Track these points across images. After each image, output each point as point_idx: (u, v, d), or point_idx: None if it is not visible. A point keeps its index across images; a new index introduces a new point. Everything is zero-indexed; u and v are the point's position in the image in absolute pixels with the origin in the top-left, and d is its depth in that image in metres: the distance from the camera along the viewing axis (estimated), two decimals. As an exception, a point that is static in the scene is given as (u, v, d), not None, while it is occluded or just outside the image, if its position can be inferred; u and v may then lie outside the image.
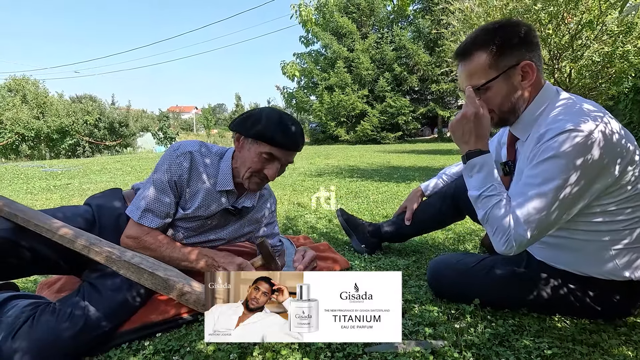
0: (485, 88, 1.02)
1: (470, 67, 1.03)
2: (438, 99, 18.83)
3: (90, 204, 1.24)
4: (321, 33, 19.62)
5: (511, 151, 1.18)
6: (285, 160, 1.17)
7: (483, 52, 1.01)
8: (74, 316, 0.93)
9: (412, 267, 1.56)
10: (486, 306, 1.14)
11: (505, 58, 0.99)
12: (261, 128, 1.11)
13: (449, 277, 1.23)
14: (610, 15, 3.30)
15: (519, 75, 1.00)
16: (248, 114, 1.17)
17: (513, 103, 1.03)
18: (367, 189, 3.74)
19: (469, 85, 1.04)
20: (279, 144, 1.12)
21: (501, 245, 0.97)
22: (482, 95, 1.04)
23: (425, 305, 1.18)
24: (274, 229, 1.44)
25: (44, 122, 18.65)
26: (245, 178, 1.17)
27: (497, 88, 1.02)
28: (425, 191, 1.66)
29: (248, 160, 1.14)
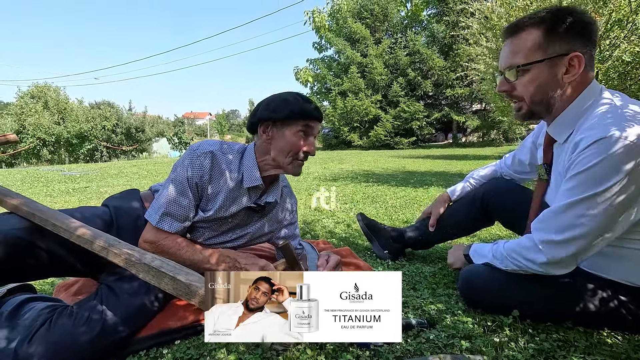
0: (523, 70, 0.94)
1: (517, 44, 0.94)
2: (453, 103, 18.58)
3: (108, 205, 1.21)
4: (334, 39, 19.68)
5: (548, 153, 1.10)
6: (317, 132, 1.17)
7: (536, 30, 0.92)
8: (91, 320, 0.89)
9: (439, 274, 1.48)
10: (526, 318, 1.05)
11: (557, 43, 0.90)
12: (292, 106, 1.09)
13: (483, 286, 1.14)
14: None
15: (564, 67, 0.91)
16: (266, 102, 1.14)
17: (548, 96, 0.95)
18: (384, 194, 3.66)
19: (509, 63, 0.96)
20: (312, 115, 1.12)
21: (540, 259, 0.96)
22: (519, 77, 0.95)
23: (458, 316, 1.11)
24: (295, 231, 1.39)
25: (64, 128, 19.17)
26: (287, 164, 1.14)
27: (537, 74, 0.93)
28: (452, 196, 1.58)
29: (286, 145, 1.12)
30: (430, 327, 1.05)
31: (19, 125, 18.41)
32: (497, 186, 1.43)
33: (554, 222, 0.93)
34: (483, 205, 1.43)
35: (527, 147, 1.32)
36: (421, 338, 0.99)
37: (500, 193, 1.41)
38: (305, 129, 1.12)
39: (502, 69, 0.98)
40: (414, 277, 1.44)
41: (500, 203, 1.40)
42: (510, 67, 0.95)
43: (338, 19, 20.43)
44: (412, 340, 0.98)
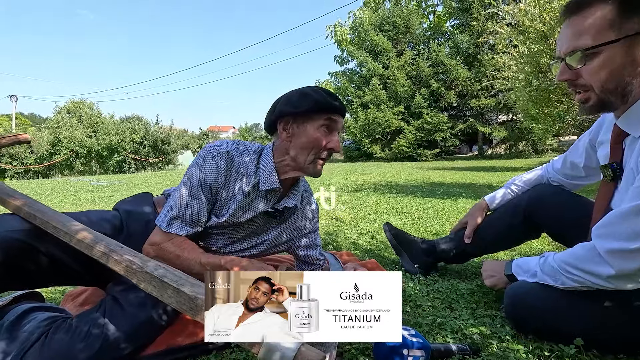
0: (593, 53, 0.78)
1: (582, 22, 0.78)
2: (478, 114, 18.09)
3: (118, 209, 1.14)
4: (356, 51, 19.75)
5: (617, 150, 0.92)
6: (340, 126, 1.07)
7: (608, 6, 0.76)
8: (90, 335, 0.80)
9: (478, 292, 1.31)
10: (591, 348, 0.88)
11: (634, 18, 0.74)
12: (313, 99, 0.99)
13: (535, 307, 0.98)
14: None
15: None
16: (286, 97, 1.05)
17: (624, 83, 0.79)
18: (410, 205, 3.48)
19: (573, 46, 0.80)
20: (335, 107, 1.02)
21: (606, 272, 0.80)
22: (587, 62, 0.79)
23: (507, 343, 0.95)
24: (316, 240, 1.27)
25: (96, 140, 20.04)
26: (309, 163, 1.04)
27: (609, 57, 0.77)
28: (491, 204, 1.42)
29: (308, 142, 1.02)
30: (474, 355, 0.90)
31: (55, 138, 19.38)
32: (544, 192, 1.26)
33: (623, 227, 0.77)
34: (527, 215, 1.26)
35: (582, 148, 1.16)
36: (466, 367, 0.84)
37: (547, 200, 1.24)
38: (329, 123, 1.02)
39: (563, 54, 0.83)
40: (450, 295, 1.29)
41: (547, 212, 1.23)
42: (573, 50, 0.80)
43: (360, 32, 20.55)
44: (455, 368, 0.84)
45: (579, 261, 0.85)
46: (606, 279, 0.81)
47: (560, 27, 0.86)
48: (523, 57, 3.90)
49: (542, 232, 1.29)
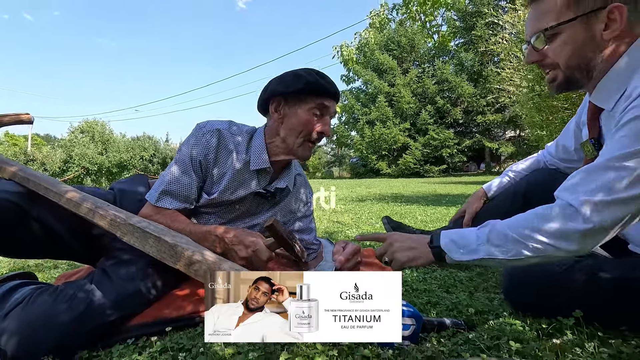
0: (553, 33, 0.79)
1: (543, 6, 0.80)
2: (484, 130, 18.08)
3: (113, 188, 1.16)
4: (362, 71, 20.09)
5: (594, 126, 0.92)
6: (333, 111, 1.06)
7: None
8: (75, 298, 0.80)
9: (476, 279, 1.28)
10: (592, 322, 0.84)
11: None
12: (306, 80, 0.99)
13: (533, 286, 0.95)
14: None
15: (603, 23, 0.76)
16: (278, 78, 1.05)
17: (587, 59, 0.79)
18: (414, 211, 3.45)
19: (535, 28, 0.81)
20: (327, 91, 1.02)
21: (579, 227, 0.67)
22: (549, 43, 0.80)
23: (503, 318, 0.91)
24: (310, 224, 1.26)
25: (106, 158, 20.44)
26: (297, 146, 1.04)
27: (570, 35, 0.78)
28: (489, 192, 1.40)
29: (298, 124, 1.02)
30: (469, 330, 0.87)
31: (67, 155, 19.82)
32: (542, 177, 1.24)
33: (600, 178, 0.68)
34: (526, 200, 1.23)
35: (571, 131, 1.15)
36: (458, 339, 0.81)
37: (545, 185, 1.21)
38: (320, 107, 1.03)
39: (529, 38, 0.85)
40: (448, 281, 1.25)
41: (546, 196, 1.20)
42: (537, 32, 0.81)
43: (365, 52, 20.97)
44: (446, 340, 0.80)
45: (544, 221, 0.72)
46: (579, 238, 0.69)
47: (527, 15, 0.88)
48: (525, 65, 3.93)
49: None
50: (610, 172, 0.68)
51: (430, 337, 0.82)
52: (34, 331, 0.73)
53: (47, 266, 1.59)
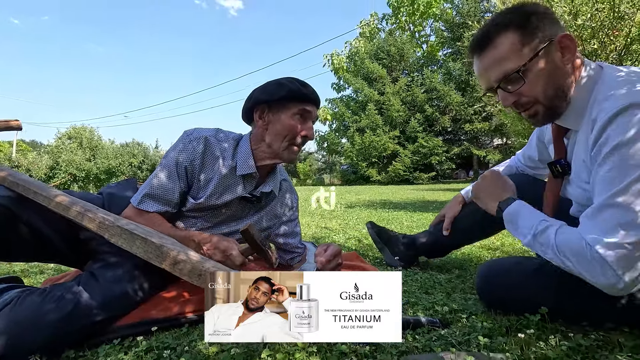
0: (524, 70, 0.83)
1: (498, 52, 0.85)
2: (472, 138, 18.40)
3: (102, 192, 1.18)
4: (352, 79, 20.33)
5: (560, 147, 0.96)
6: (314, 116, 1.12)
7: (510, 32, 0.83)
8: (62, 299, 0.82)
9: (455, 281, 1.33)
10: (557, 319, 0.90)
11: (538, 33, 0.82)
12: (288, 89, 1.05)
13: (505, 285, 1.00)
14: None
15: (559, 52, 0.83)
16: (261, 87, 1.10)
17: (559, 85, 0.84)
18: (401, 217, 3.51)
19: (501, 73, 0.85)
20: (309, 97, 1.07)
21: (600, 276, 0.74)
22: (520, 85, 0.84)
23: (477, 316, 0.96)
24: (295, 228, 1.30)
25: (94, 164, 20.17)
26: (283, 150, 1.09)
27: (538, 70, 0.83)
28: (467, 196, 1.46)
29: (283, 129, 1.07)
30: (444, 328, 0.91)
31: (53, 162, 19.50)
32: (518, 181, 1.31)
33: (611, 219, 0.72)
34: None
35: (534, 143, 1.22)
36: (432, 335, 0.85)
37: (521, 189, 1.28)
38: (302, 112, 1.08)
39: (495, 82, 0.87)
40: (427, 283, 1.30)
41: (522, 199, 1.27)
42: (505, 76, 0.85)
43: (355, 60, 21.26)
44: (420, 337, 0.85)
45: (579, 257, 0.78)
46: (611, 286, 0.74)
47: (473, 68, 0.92)
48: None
49: None
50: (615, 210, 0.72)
51: (406, 334, 0.86)
52: (22, 330, 0.75)
53: (33, 271, 1.59)
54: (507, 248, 1.91)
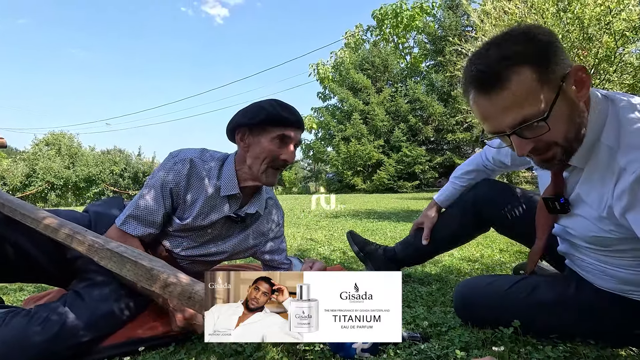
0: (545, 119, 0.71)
1: (513, 96, 0.71)
2: (454, 148, 18.82)
3: (88, 210, 1.18)
4: (337, 88, 20.56)
5: (558, 182, 0.88)
6: (296, 140, 1.12)
7: (526, 69, 0.70)
8: (48, 321, 0.82)
9: (436, 294, 1.38)
10: (528, 332, 0.95)
11: (555, 67, 0.72)
12: (267, 113, 1.06)
13: (480, 302, 1.06)
14: (627, 49, 3.29)
15: (573, 87, 0.74)
16: (243, 110, 1.12)
17: (578, 125, 0.75)
18: (385, 228, 3.57)
19: (519, 119, 0.72)
20: (289, 121, 1.07)
21: None
22: (543, 132, 0.73)
23: (455, 330, 1.01)
24: (280, 244, 1.33)
25: (73, 172, 19.60)
26: (261, 172, 1.10)
27: (559, 110, 0.72)
28: (441, 202, 1.46)
29: (262, 152, 1.08)
30: (424, 342, 0.95)
31: (30, 169, 18.86)
32: (490, 188, 1.30)
33: None
34: (476, 211, 1.30)
35: (507, 151, 1.21)
36: (412, 350, 0.89)
37: (494, 199, 1.27)
38: (281, 137, 1.08)
39: (510, 129, 0.74)
40: (409, 296, 1.35)
41: (495, 210, 1.27)
42: (524, 122, 0.72)
43: (341, 71, 21.54)
44: (401, 351, 0.89)
45: None
46: None
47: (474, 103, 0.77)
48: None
49: (490, 226, 1.33)
50: None
51: (387, 349, 0.90)
52: (9, 351, 0.75)
53: (12, 288, 1.56)
54: (486, 260, 1.98)
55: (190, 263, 1.21)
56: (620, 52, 3.31)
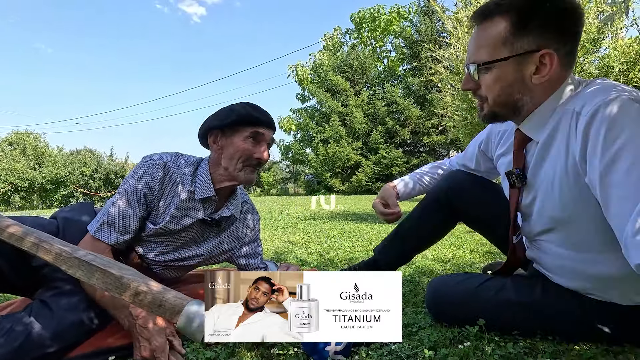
0: (486, 68, 0.80)
1: (483, 36, 0.80)
2: (430, 150, 19.30)
3: (56, 217, 1.15)
4: (316, 90, 20.63)
5: (519, 156, 0.92)
6: (268, 139, 1.13)
7: (503, 20, 0.77)
8: (12, 332, 0.80)
9: (408, 295, 1.42)
10: (493, 329, 1.00)
11: (526, 37, 0.76)
12: (238, 113, 1.08)
13: (451, 298, 1.10)
14: (587, 59, 3.50)
15: (534, 65, 0.77)
16: (214, 114, 1.13)
17: (514, 99, 0.81)
18: (362, 229, 3.62)
19: (474, 59, 0.81)
20: (260, 120, 1.09)
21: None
22: (481, 75, 0.81)
23: (425, 330, 1.05)
24: (256, 249, 1.33)
25: (40, 173, 18.68)
26: (238, 171, 1.10)
27: (501, 73, 0.79)
28: (402, 194, 1.41)
29: (236, 152, 1.09)
30: (395, 342, 0.99)
31: (-10, 171, 17.83)
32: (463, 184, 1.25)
33: None
34: (449, 203, 1.25)
35: (472, 154, 1.24)
36: (384, 350, 0.92)
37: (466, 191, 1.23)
38: (255, 135, 1.09)
39: (468, 62, 0.84)
40: (383, 298, 1.38)
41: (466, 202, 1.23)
42: (474, 62, 0.82)
43: (319, 72, 21.64)
44: (373, 352, 0.91)
45: None
46: None
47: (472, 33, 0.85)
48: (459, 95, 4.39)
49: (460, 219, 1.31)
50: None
51: (360, 350, 0.92)
52: None
53: (-28, 298, 1.48)
54: (458, 260, 2.06)
55: (163, 269, 1.19)
56: (581, 62, 3.52)
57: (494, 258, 2.11)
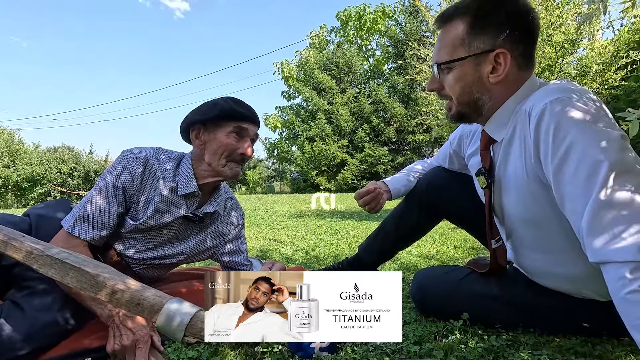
0: (447, 67, 0.84)
1: (444, 37, 0.84)
2: (415, 148, 19.52)
3: (29, 214, 1.10)
4: (302, 88, 20.57)
5: (486, 156, 0.96)
6: (252, 134, 1.11)
7: (461, 22, 0.82)
8: (-20, 335, 0.75)
9: (393, 290, 1.42)
10: (476, 322, 1.02)
11: (481, 37, 0.80)
12: (221, 107, 1.05)
13: (435, 291, 1.11)
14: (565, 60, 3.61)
15: (490, 65, 0.81)
16: (196, 108, 1.10)
17: (474, 98, 0.85)
18: (348, 227, 3.63)
19: (436, 59, 0.86)
20: (243, 115, 1.07)
21: None
22: (443, 75, 0.86)
23: (410, 324, 1.05)
24: (240, 246, 1.31)
25: (14, 171, 17.99)
26: (222, 167, 1.07)
27: (460, 73, 0.83)
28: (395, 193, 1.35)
29: (220, 147, 1.06)
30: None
31: (-38, 169, 17.07)
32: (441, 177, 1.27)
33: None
34: (429, 199, 1.27)
35: (445, 155, 1.26)
36: (369, 346, 0.92)
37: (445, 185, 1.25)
38: (238, 130, 1.07)
39: (431, 64, 0.89)
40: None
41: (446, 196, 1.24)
42: (436, 63, 0.86)
43: (305, 70, 21.56)
44: (359, 348, 0.91)
45: None
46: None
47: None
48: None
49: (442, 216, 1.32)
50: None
51: (345, 347, 0.92)
52: None
53: (-62, 301, 1.40)
54: (442, 256, 2.08)
55: (144, 267, 1.16)
56: (560, 62, 3.62)
57: (477, 253, 2.14)
